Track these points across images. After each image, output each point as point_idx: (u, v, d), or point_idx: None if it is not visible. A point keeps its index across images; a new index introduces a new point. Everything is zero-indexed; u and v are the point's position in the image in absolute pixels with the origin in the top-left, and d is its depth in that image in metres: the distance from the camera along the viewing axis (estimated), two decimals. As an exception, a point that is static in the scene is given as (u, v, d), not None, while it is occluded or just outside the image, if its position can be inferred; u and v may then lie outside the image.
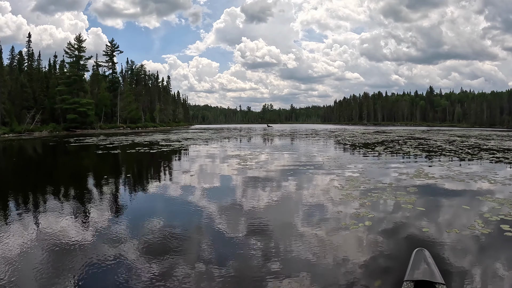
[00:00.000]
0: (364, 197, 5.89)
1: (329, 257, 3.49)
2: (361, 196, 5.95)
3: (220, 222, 4.70)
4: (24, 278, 3.06)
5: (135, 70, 75.09)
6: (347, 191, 6.34)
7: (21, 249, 3.69)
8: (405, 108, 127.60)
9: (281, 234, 4.21)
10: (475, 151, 14.90)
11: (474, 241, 3.85)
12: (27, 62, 52.05)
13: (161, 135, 34.61)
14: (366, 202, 5.54)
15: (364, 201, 5.62)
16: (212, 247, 3.81)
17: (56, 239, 3.97)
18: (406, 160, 11.94)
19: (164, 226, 4.53)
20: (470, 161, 11.35)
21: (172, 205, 5.98)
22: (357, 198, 5.85)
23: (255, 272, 3.16)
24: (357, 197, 5.92)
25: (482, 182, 7.27)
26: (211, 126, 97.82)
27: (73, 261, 3.39)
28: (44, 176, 9.80)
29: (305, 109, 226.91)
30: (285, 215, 5.13)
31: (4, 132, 38.73)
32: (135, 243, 3.87)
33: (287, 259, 3.44)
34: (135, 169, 11.32)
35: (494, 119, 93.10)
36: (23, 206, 5.82)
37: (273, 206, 5.63)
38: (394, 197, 5.84)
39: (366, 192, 6.25)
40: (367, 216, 4.76)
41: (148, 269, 3.22)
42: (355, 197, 5.93)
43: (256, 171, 9.19)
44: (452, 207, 5.44)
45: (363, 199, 5.72)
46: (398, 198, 5.79)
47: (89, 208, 5.55)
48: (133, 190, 7.47)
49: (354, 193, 6.23)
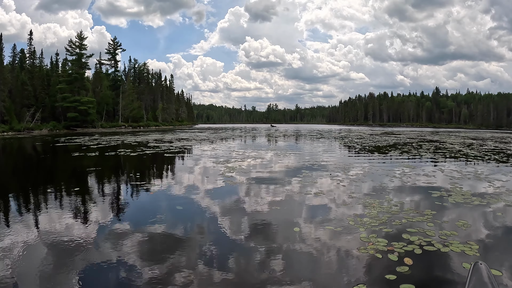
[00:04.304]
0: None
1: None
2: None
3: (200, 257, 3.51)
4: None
5: (137, 69, 74.24)
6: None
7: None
8: (411, 109, 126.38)
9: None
10: (503, 157, 13.67)
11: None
12: (29, 60, 51.37)
13: (157, 135, 33.53)
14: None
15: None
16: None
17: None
18: (437, 169, 10.63)
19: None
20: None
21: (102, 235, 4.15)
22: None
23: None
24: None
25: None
26: (214, 126, 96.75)
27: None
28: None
29: (310, 109, 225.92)
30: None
31: (3, 130, 38.13)
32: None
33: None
34: (94, 178, 8.98)
35: (501, 120, 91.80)
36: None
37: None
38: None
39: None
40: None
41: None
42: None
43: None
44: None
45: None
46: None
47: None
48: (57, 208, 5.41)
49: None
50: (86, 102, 50.19)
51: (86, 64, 54.40)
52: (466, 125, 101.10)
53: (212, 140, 24.86)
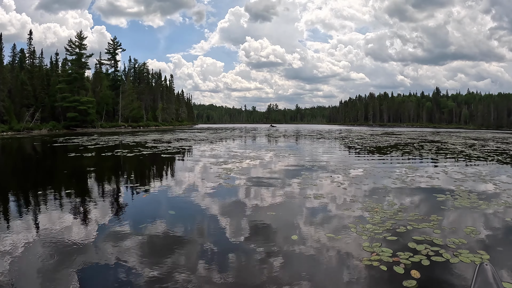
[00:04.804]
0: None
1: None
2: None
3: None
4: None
5: (137, 69, 74.03)
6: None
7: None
8: (411, 109, 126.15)
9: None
10: (506, 158, 13.41)
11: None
12: (29, 60, 51.18)
13: (156, 135, 33.29)
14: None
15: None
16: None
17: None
18: (442, 169, 10.38)
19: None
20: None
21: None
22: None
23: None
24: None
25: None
26: (214, 126, 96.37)
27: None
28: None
29: (310, 109, 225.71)
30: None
31: (3, 130, 37.99)
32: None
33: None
34: (85, 180, 8.70)
35: (502, 121, 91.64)
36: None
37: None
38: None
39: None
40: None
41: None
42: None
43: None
44: None
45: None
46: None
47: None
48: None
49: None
50: (85, 102, 50.02)
51: (86, 64, 54.28)
52: (466, 126, 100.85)
53: (211, 140, 24.60)
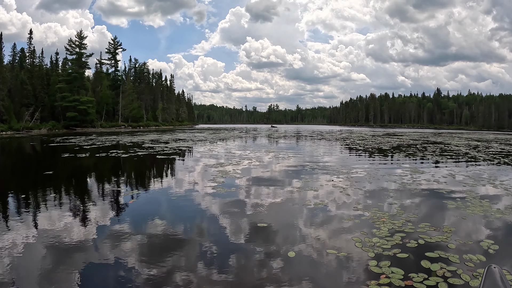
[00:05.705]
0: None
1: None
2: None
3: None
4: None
5: (138, 69, 73.72)
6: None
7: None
8: (412, 110, 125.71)
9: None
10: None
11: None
12: (29, 59, 50.90)
13: (155, 135, 32.97)
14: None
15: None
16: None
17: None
18: (449, 172, 9.99)
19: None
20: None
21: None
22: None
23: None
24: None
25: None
26: (215, 126, 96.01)
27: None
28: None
29: (311, 110, 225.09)
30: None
31: (2, 129, 37.71)
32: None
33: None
34: (72, 183, 8.49)
35: (503, 122, 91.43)
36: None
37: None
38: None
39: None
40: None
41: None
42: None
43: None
44: None
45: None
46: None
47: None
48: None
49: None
50: (85, 101, 49.70)
51: (86, 63, 53.96)
52: (467, 127, 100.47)
53: (210, 140, 24.25)
